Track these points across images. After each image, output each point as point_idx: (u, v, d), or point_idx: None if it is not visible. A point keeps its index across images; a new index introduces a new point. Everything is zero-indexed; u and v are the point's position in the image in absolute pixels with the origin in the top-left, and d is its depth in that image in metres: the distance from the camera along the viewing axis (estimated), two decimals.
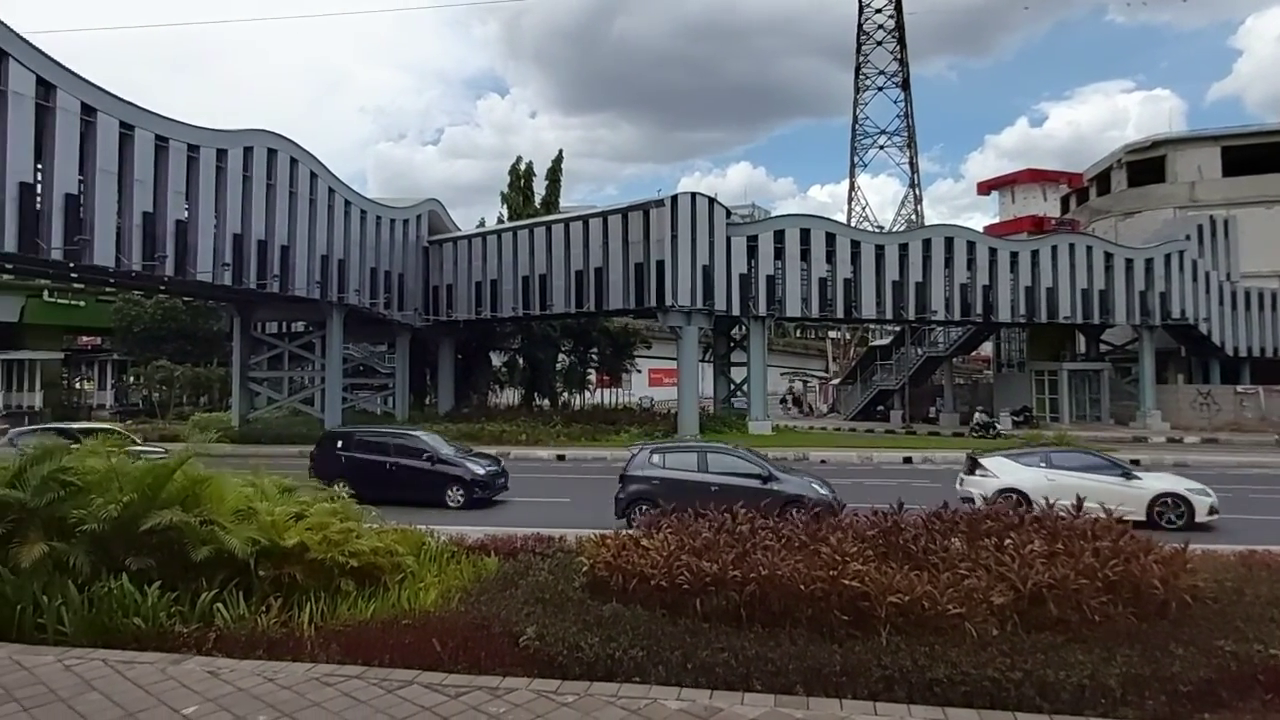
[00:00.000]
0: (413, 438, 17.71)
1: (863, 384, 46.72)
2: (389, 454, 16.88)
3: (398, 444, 17.23)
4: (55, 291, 46.38)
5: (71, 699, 5.16)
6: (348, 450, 17.25)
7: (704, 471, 13.58)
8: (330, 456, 17.22)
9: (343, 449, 17.38)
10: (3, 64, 19.97)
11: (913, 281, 35.02)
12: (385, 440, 17.54)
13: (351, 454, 17.06)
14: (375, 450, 17.06)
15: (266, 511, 7.35)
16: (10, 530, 6.71)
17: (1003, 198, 52.77)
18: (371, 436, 18.04)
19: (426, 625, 6.32)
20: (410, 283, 35.95)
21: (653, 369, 53.98)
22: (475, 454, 18.02)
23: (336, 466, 16.43)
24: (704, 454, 14.22)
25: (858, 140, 75.73)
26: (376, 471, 16.45)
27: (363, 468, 16.43)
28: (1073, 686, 5.08)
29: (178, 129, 24.84)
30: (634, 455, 14.56)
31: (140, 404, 46.29)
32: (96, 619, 6.32)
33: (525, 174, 43.23)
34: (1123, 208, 47.10)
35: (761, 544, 6.88)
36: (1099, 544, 6.79)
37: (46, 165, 21.31)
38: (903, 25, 73.96)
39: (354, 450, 17.20)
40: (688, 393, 32.68)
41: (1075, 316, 36.98)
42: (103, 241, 22.48)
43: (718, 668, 5.48)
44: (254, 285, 27.64)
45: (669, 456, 14.25)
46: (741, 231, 34.21)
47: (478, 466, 16.86)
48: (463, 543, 8.87)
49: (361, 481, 16.23)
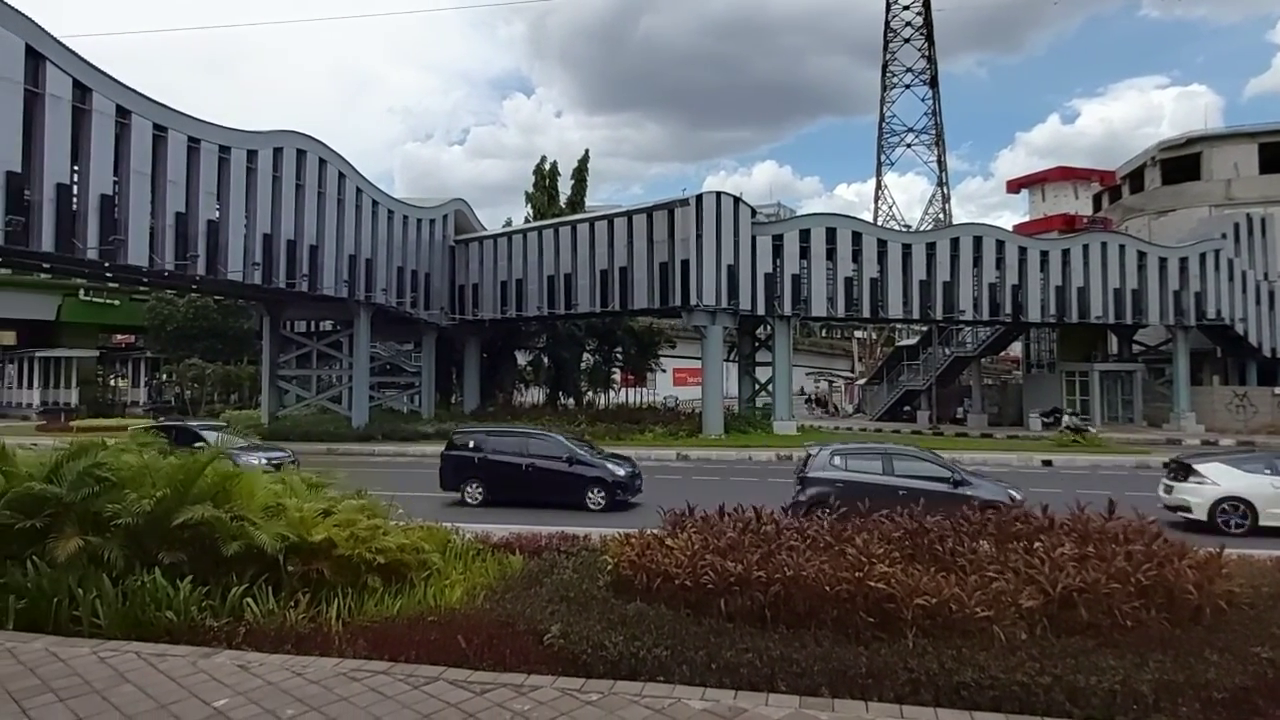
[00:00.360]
0: (549, 438, 17.21)
1: (889, 384, 46.32)
2: (525, 455, 16.28)
3: (534, 444, 16.64)
4: (91, 291, 47.40)
5: (105, 690, 5.25)
6: (481, 451, 16.63)
7: (889, 475, 13.06)
8: (461, 457, 16.75)
9: (475, 449, 16.74)
10: (40, 68, 20.40)
11: (940, 281, 34.65)
12: (521, 440, 16.89)
13: (485, 455, 16.50)
14: (511, 451, 16.45)
15: (295, 508, 7.43)
16: (47, 524, 6.84)
17: (1033, 196, 52.10)
18: (506, 436, 17.40)
19: (452, 622, 6.35)
20: (436, 282, 36.21)
21: (677, 368, 53.99)
22: (610, 455, 17.48)
23: (468, 468, 16.30)
24: (889, 457, 13.66)
25: (885, 138, 75.22)
26: (512, 473, 16.03)
27: (497, 469, 16.11)
28: (1104, 692, 4.99)
29: (209, 130, 25.22)
30: (812, 456, 13.95)
31: (172, 401, 47.09)
32: (130, 612, 6.42)
33: (550, 174, 43.36)
34: (1157, 206, 46.25)
35: (786, 544, 6.84)
36: (1131, 548, 6.68)
37: (82, 167, 21.75)
38: (931, 22, 73.29)
39: (488, 451, 16.58)
40: (712, 392, 32.60)
41: (1107, 316, 36.39)
42: (136, 241, 22.89)
43: (742, 668, 5.45)
44: (283, 284, 28.00)
45: (851, 459, 13.68)
46: (767, 231, 34.05)
47: (618, 467, 16.28)
48: (488, 540, 8.91)
49: (496, 484, 16.04)
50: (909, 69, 73.85)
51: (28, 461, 7.73)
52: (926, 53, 73.48)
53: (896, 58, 74.22)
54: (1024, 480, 17.08)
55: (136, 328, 49.67)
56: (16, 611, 6.52)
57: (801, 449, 15.90)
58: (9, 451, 7.66)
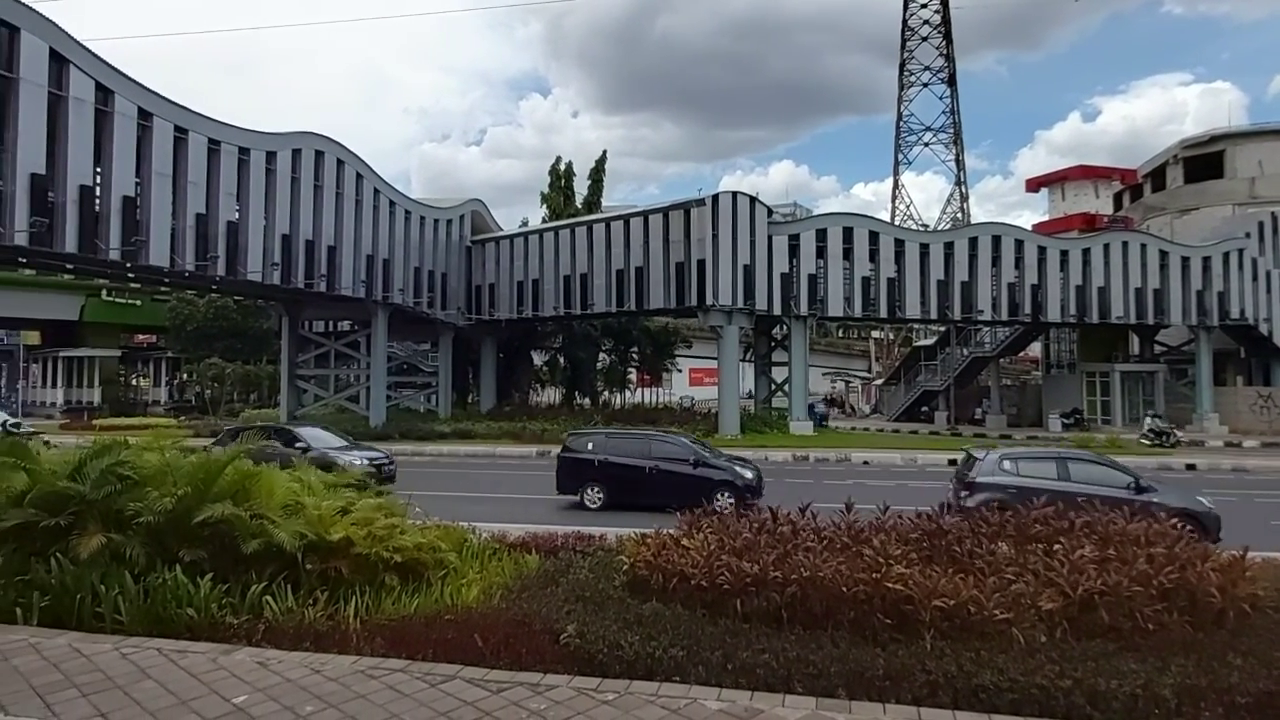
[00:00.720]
0: (673, 440, 16.75)
1: (906, 384, 46.04)
2: (648, 457, 15.69)
3: (656, 447, 16.05)
4: (113, 291, 47.95)
5: (128, 686, 5.31)
6: (600, 454, 16.08)
7: (1065, 480, 12.42)
8: (580, 460, 16.20)
9: (594, 452, 16.18)
10: (64, 71, 20.68)
11: (958, 281, 34.42)
12: (643, 443, 16.31)
13: (605, 458, 15.95)
14: (632, 453, 15.87)
15: (314, 506, 7.48)
16: (70, 522, 6.93)
17: (1052, 195, 51.65)
18: (627, 438, 16.85)
19: (469, 621, 6.37)
20: (453, 282, 36.37)
21: (693, 368, 53.93)
22: (735, 458, 16.96)
23: (588, 471, 15.87)
24: (1063, 461, 13.00)
25: (902, 137, 74.65)
26: (635, 476, 15.44)
27: (618, 472, 15.59)
28: (1125, 696, 4.94)
29: (229, 132, 25.47)
30: (979, 460, 13.34)
31: (193, 400, 47.57)
32: (151, 609, 6.49)
33: (565, 174, 43.43)
34: (1179, 205, 45.67)
35: (803, 545, 6.82)
36: (1153, 550, 6.60)
37: (105, 168, 22.02)
38: (949, 20, 72.71)
39: (607, 454, 16.00)
40: (728, 392, 32.54)
41: (1128, 316, 36.01)
42: (158, 242, 23.16)
43: (758, 669, 5.44)
44: (302, 284, 28.23)
45: (1023, 464, 13.09)
46: (783, 230, 33.95)
47: (745, 470, 15.72)
48: (504, 540, 8.94)
49: (617, 487, 15.53)
50: (927, 67, 73.30)
51: (51, 460, 7.83)
52: (945, 51, 72.91)
53: (914, 56, 73.70)
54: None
55: (158, 327, 50.22)
56: (41, 608, 6.61)
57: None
58: (33, 450, 7.76)
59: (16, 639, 6.18)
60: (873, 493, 15.35)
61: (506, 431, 31.04)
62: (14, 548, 6.97)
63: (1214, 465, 24.28)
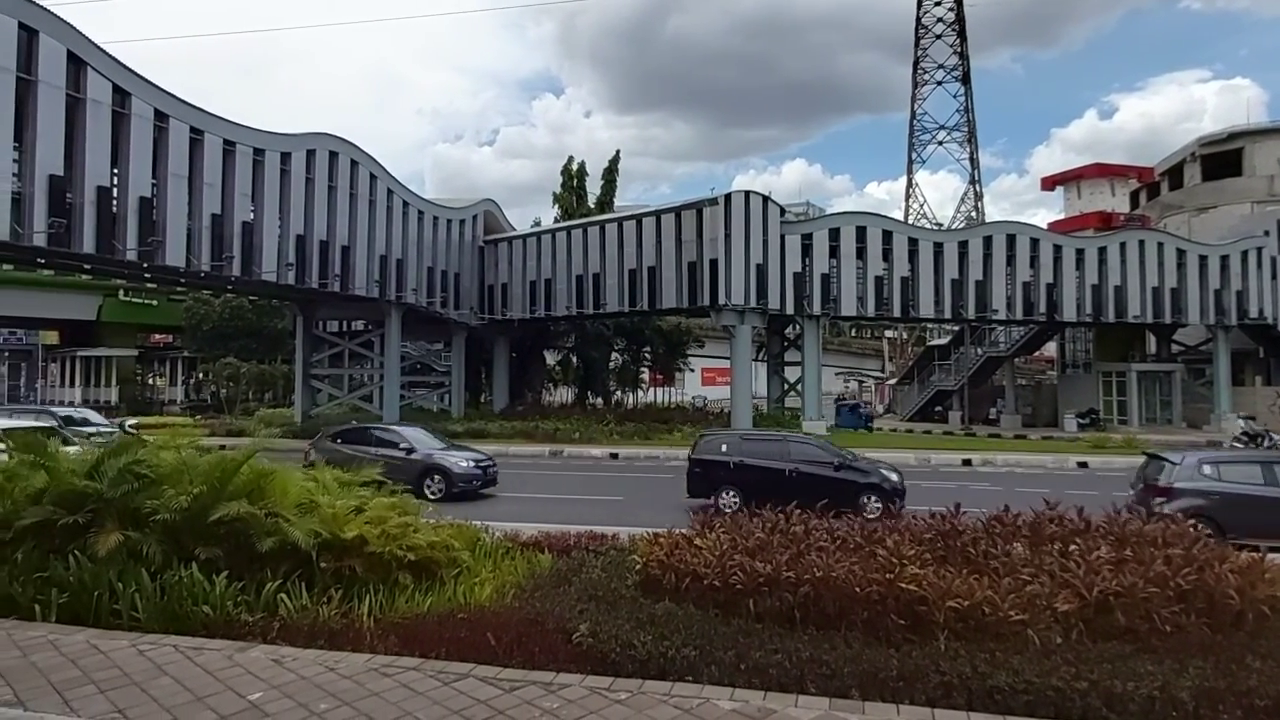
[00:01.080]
0: (813, 442, 16.39)
1: (920, 384, 45.82)
2: (787, 460, 15.12)
3: (796, 449, 15.57)
4: (130, 291, 48.29)
5: (144, 683, 5.36)
6: (735, 456, 15.51)
7: (1274, 485, 11.75)
8: (714, 462, 15.61)
9: (728, 454, 15.59)
10: (82, 73, 20.87)
11: (973, 280, 34.23)
12: (781, 445, 15.82)
13: (741, 460, 15.40)
14: (770, 456, 15.37)
15: (328, 505, 7.52)
16: (88, 520, 6.99)
17: (1068, 193, 51.24)
18: (763, 440, 16.45)
19: (481, 620, 6.39)
20: (466, 282, 36.47)
21: (706, 368, 53.83)
22: (878, 461, 16.45)
23: (723, 474, 15.35)
24: (1270, 465, 12.17)
25: (916, 136, 74.43)
26: (773, 480, 14.73)
27: (756, 475, 14.96)
28: (1142, 698, 4.90)
29: (244, 133, 25.64)
30: (1175, 465, 12.62)
31: (209, 400, 47.90)
32: (168, 606, 6.54)
33: (578, 174, 43.45)
34: (1196, 203, 45.27)
35: (816, 545, 6.80)
36: (1170, 551, 6.55)
37: (122, 170, 22.21)
38: (963, 18, 72.40)
39: (743, 456, 15.47)
40: (741, 392, 32.49)
41: (1145, 316, 35.70)
42: (174, 243, 23.33)
43: (771, 669, 5.43)
44: (316, 284, 28.38)
45: (1226, 468, 12.37)
46: (796, 230, 33.87)
47: (892, 473, 15.27)
48: (517, 539, 8.96)
49: (754, 491, 14.45)
50: (941, 65, 73.00)
51: (70, 458, 7.90)
52: (959, 49, 72.58)
53: (928, 54, 73.42)
54: (1059, 483, 16.80)
55: (174, 327, 50.56)
56: (59, 605, 6.67)
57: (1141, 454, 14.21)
58: (52, 449, 7.83)
59: (35, 635, 6.25)
60: None
61: (520, 431, 31.10)
62: (33, 545, 7.04)
63: None
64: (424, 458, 17.06)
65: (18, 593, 6.79)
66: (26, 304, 45.65)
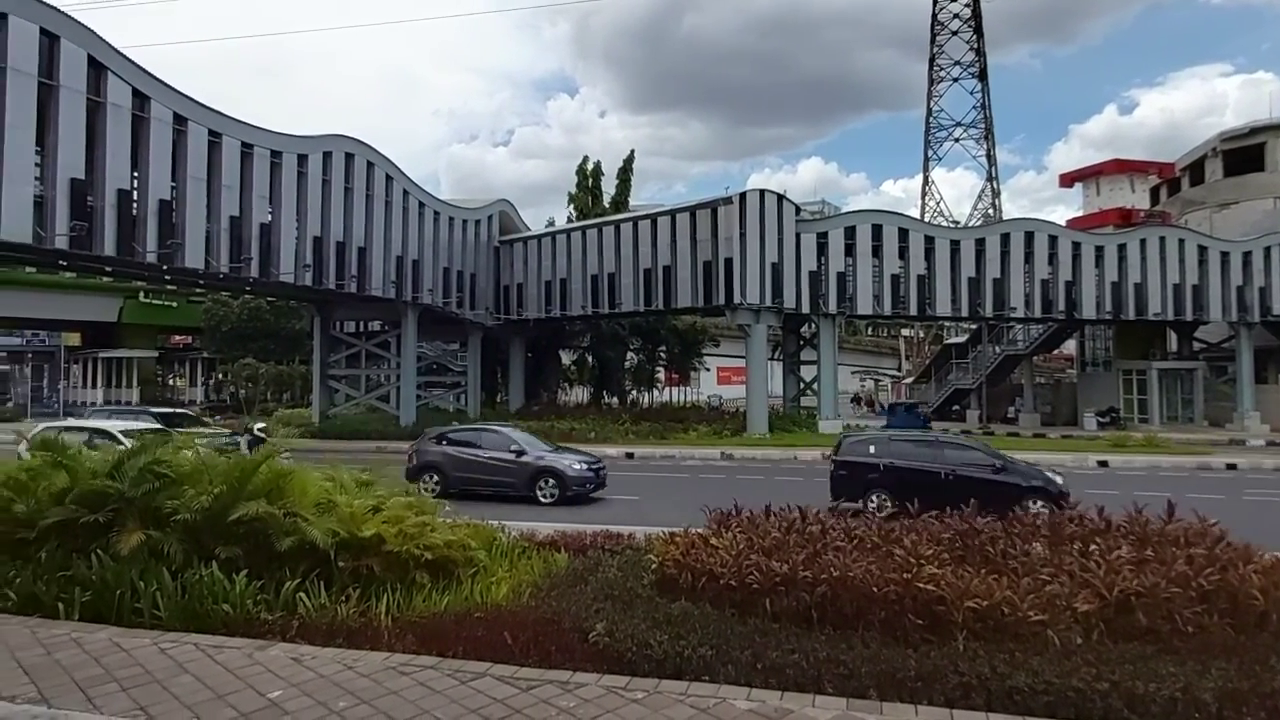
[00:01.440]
0: (970, 445, 15.88)
1: (937, 383, 45.55)
2: (942, 462, 14.55)
3: (950, 452, 15.02)
4: (150, 293, 48.82)
5: (166, 680, 5.41)
6: (885, 457, 14.99)
7: None
8: (860, 465, 15.10)
9: (875, 456, 15.08)
10: (102, 77, 21.10)
11: (990, 277, 33.97)
12: (934, 448, 15.29)
13: (891, 462, 14.87)
14: (922, 458, 14.84)
15: (346, 504, 7.56)
16: (110, 519, 7.07)
17: (1087, 190, 50.66)
18: (916, 440, 15.98)
19: (498, 619, 6.41)
20: (482, 282, 36.60)
21: (721, 367, 53.78)
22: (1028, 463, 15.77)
23: (872, 476, 14.83)
24: None
25: (932, 133, 73.97)
26: (928, 483, 14.01)
27: (908, 478, 14.27)
28: (1164, 699, 4.84)
29: (262, 135, 25.84)
30: None
31: (228, 400, 48.34)
32: (188, 605, 6.60)
33: (593, 174, 43.49)
34: (1218, 198, 44.68)
35: (833, 544, 6.78)
36: (1192, 551, 6.47)
37: (141, 173, 22.44)
38: (979, 14, 71.87)
39: (893, 458, 14.95)
40: (757, 391, 32.42)
41: (1166, 313, 35.31)
42: (193, 245, 23.55)
43: (788, 669, 5.41)
44: (333, 285, 28.56)
45: None
46: (811, 228, 33.75)
47: (1057, 476, 14.67)
48: (533, 538, 8.98)
49: (906, 494, 13.57)
50: (957, 62, 72.47)
51: (92, 458, 7.99)
52: (975, 45, 72.05)
53: (944, 51, 72.91)
54: (1080, 481, 16.62)
55: (193, 328, 51.07)
56: (82, 603, 6.75)
57: None
58: (75, 449, 7.93)
59: (59, 633, 6.33)
60: None
61: (535, 430, 30.68)
62: (56, 544, 7.13)
63: (1255, 465, 23.73)
64: (535, 460, 16.52)
65: (42, 591, 6.88)
66: (49, 306, 46.27)
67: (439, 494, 15.97)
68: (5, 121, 18.98)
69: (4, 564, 7.20)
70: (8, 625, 6.53)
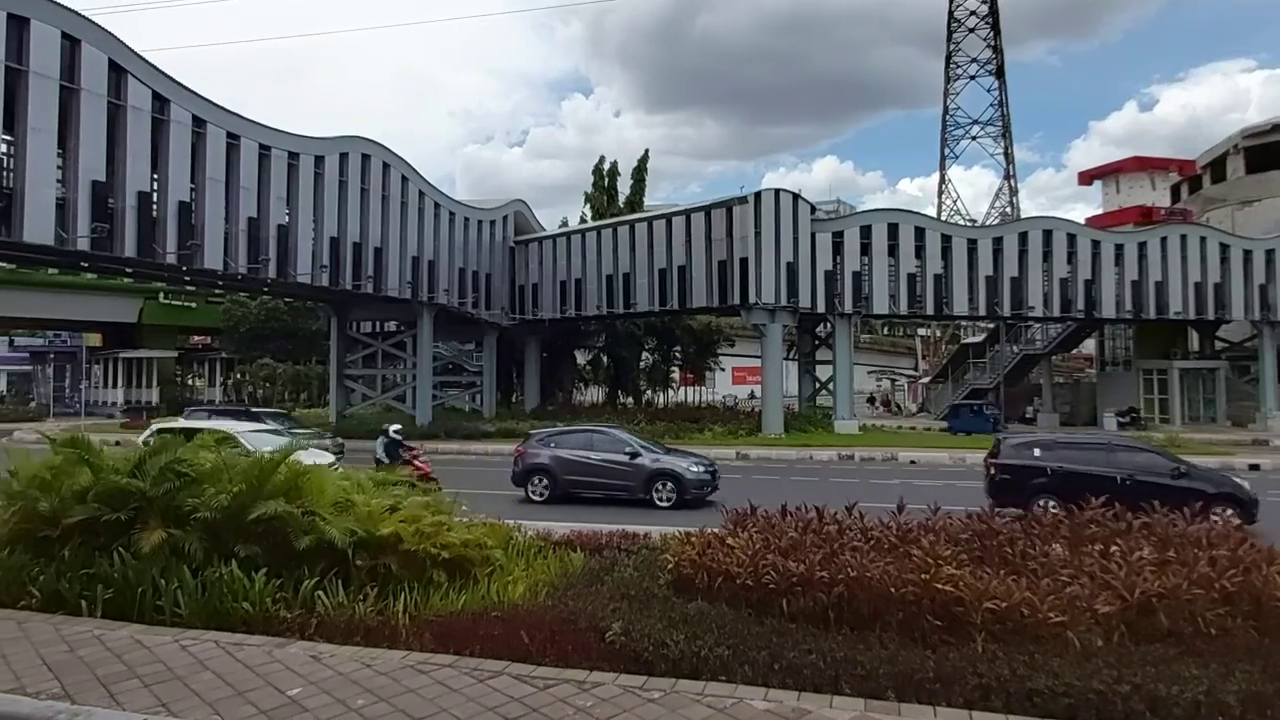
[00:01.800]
0: (1142, 446, 15.30)
1: (954, 383, 45.25)
2: (1116, 465, 13.88)
3: (1124, 456, 14.31)
4: (169, 294, 49.29)
5: (187, 677, 5.46)
6: (1054, 460, 14.26)
7: None
8: (1024, 467, 14.40)
9: (1044, 458, 14.41)
10: (122, 81, 21.34)
11: (1008, 276, 33.73)
12: (1106, 448, 14.73)
13: (1059, 466, 14.18)
14: (1094, 462, 14.14)
15: (363, 504, 7.60)
16: (131, 517, 7.14)
17: (1106, 188, 50.26)
18: (1086, 443, 15.33)
19: (515, 618, 6.42)
20: (497, 282, 36.72)
21: (736, 367, 53.67)
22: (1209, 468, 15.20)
23: (1038, 480, 14.08)
24: None
25: (949, 131, 73.40)
26: (1102, 488, 12.83)
27: (1082, 482, 13.14)
28: (1187, 702, 4.78)
29: (279, 137, 26.04)
30: None
31: (246, 400, 48.74)
32: (209, 603, 6.65)
33: (609, 173, 43.54)
34: (1240, 196, 44.15)
35: (849, 545, 6.75)
36: (1215, 552, 6.40)
37: (161, 175, 22.69)
38: (996, 10, 71.28)
39: (1062, 460, 14.26)
40: (772, 391, 32.34)
41: (1187, 312, 34.94)
42: (212, 246, 23.78)
43: (805, 669, 5.39)
44: (349, 286, 28.74)
45: None
46: (827, 228, 33.64)
47: (1244, 482, 14.01)
48: (549, 538, 8.99)
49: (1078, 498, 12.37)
50: (974, 59, 71.92)
51: (114, 457, 8.08)
52: (992, 42, 71.48)
53: (961, 48, 72.36)
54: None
55: (212, 329, 51.54)
56: (104, 601, 6.82)
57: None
58: (97, 447, 8.01)
59: (82, 630, 6.40)
60: (921, 493, 15.09)
61: None
62: (79, 542, 7.20)
63: (1279, 465, 23.43)
64: (650, 462, 16.08)
65: (65, 588, 6.95)
66: (71, 307, 46.82)
67: (547, 498, 16.08)
68: (28, 125, 19.25)
69: (28, 562, 7.29)
70: (32, 622, 6.62)
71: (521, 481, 16.60)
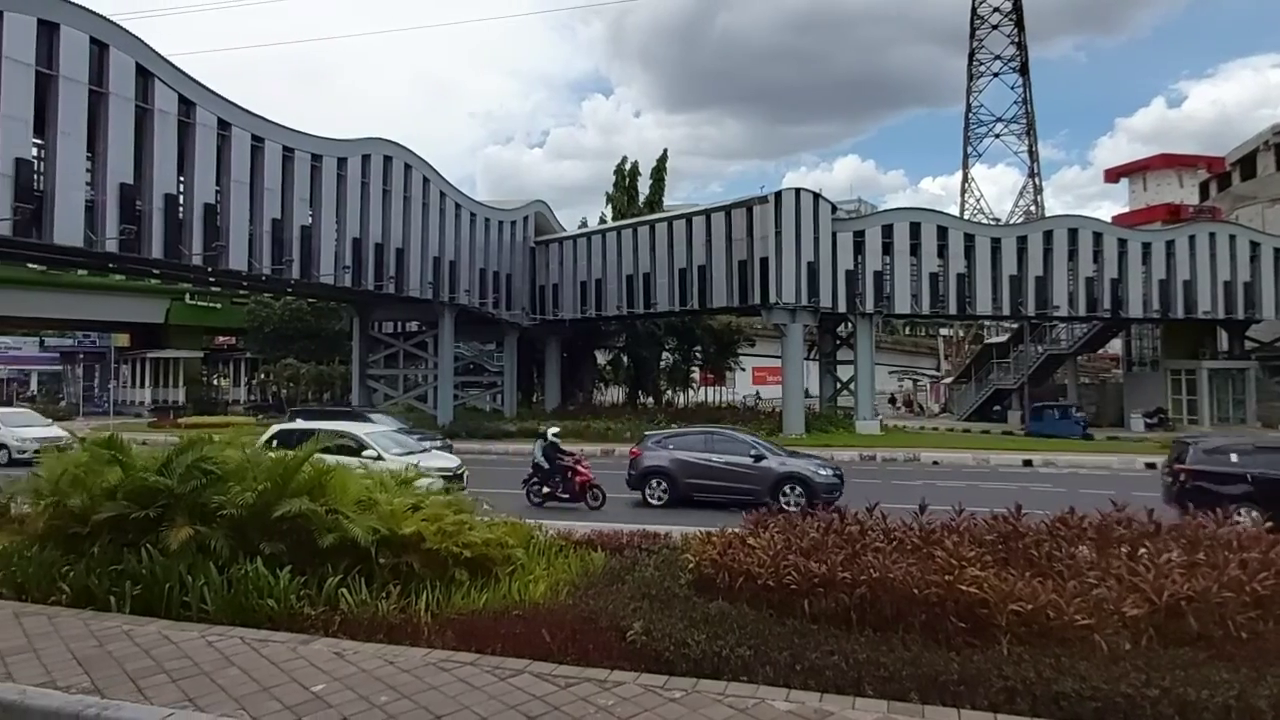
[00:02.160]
0: None
1: (977, 383, 44.85)
2: None
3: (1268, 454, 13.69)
4: (195, 295, 49.93)
5: (213, 673, 5.53)
6: (1255, 467, 13.35)
7: None
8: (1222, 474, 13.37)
9: (1242, 464, 13.46)
10: (149, 85, 21.64)
11: (1032, 275, 33.38)
12: None
13: (1264, 471, 13.18)
14: None
15: (386, 502, 7.65)
16: (159, 514, 7.24)
17: (1133, 185, 49.64)
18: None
19: (536, 617, 6.43)
20: (518, 283, 36.87)
21: (756, 367, 53.51)
22: None
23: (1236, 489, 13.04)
24: None
25: (972, 129, 72.62)
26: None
27: None
28: (1217, 707, 4.70)
29: (303, 140, 26.31)
30: None
31: (270, 399, 49.25)
32: (234, 599, 6.72)
33: (631, 173, 43.59)
34: (1270, 193, 43.38)
35: (872, 545, 6.69)
36: (1246, 555, 6.28)
37: (187, 177, 23.00)
38: (1020, 7, 70.49)
39: (1264, 467, 13.30)
40: (793, 391, 32.20)
41: (1216, 311, 34.40)
42: (237, 247, 24.07)
43: (827, 670, 5.35)
44: (372, 286, 28.99)
45: None
46: (848, 227, 33.46)
47: None
48: (570, 537, 9.00)
49: None
50: (998, 56, 71.15)
51: (142, 455, 8.19)
52: (1016, 39, 70.69)
53: (984, 45, 71.61)
54: (1126, 485, 16.27)
55: (237, 329, 52.12)
56: (132, 597, 6.92)
57: None
58: (126, 446, 8.13)
59: (111, 626, 6.50)
60: (943, 493, 15.02)
61: (571, 430, 31.18)
62: (109, 539, 7.32)
63: None
64: (777, 466, 15.56)
65: (94, 585, 7.07)
66: (99, 308, 47.58)
67: (667, 502, 15.60)
68: (58, 129, 19.57)
69: (59, 558, 7.42)
70: (62, 618, 6.73)
71: (639, 485, 16.06)
